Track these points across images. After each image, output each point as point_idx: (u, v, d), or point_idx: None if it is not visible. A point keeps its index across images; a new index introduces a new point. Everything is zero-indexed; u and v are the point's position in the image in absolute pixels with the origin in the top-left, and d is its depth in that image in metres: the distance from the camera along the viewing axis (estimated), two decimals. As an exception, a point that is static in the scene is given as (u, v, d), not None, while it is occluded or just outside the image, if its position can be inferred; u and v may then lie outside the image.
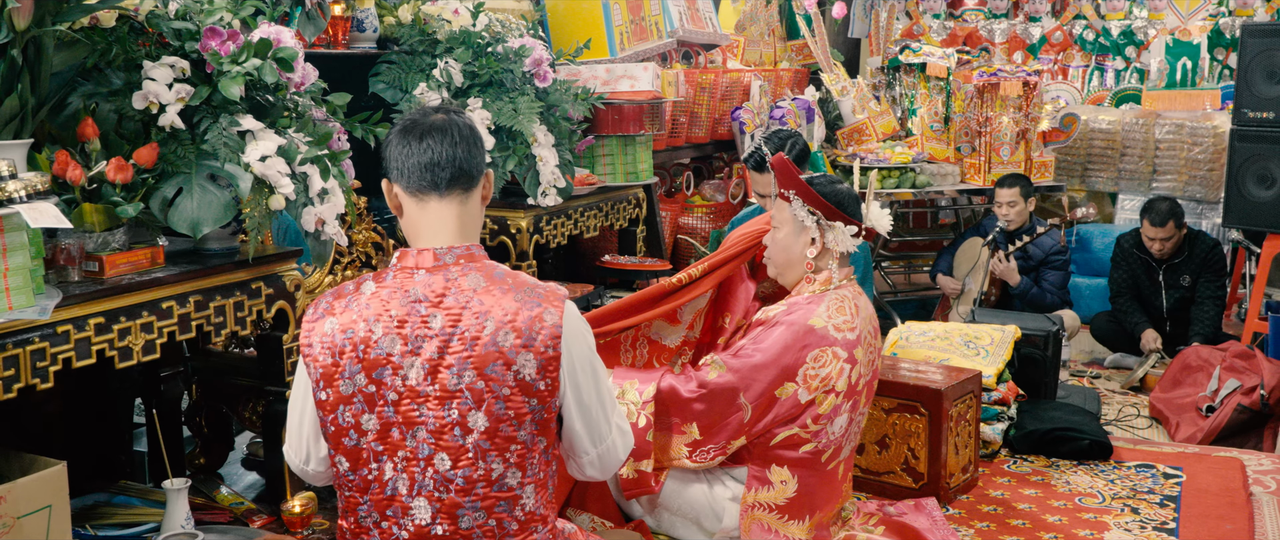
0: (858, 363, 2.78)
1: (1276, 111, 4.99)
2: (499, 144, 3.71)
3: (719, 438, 2.75)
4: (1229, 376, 4.37)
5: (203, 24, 2.51)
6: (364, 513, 1.98)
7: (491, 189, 2.11)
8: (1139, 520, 3.25)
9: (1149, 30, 7.44)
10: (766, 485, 2.81)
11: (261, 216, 2.49)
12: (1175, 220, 5.11)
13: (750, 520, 2.84)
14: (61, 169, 2.27)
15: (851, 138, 6.31)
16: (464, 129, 2.01)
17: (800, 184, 2.86)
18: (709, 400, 2.73)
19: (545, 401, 1.93)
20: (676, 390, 2.76)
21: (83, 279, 2.34)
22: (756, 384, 2.72)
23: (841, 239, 2.84)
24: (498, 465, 1.92)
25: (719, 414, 2.74)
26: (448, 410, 1.90)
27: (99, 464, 3.06)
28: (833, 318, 2.77)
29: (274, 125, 2.57)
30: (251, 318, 2.65)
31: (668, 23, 4.99)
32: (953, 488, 3.40)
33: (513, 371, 1.89)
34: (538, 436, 1.95)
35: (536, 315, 1.91)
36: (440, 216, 2.00)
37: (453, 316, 1.91)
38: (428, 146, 1.97)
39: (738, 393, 2.73)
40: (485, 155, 2.07)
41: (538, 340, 1.90)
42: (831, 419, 2.77)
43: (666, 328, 3.14)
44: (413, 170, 1.98)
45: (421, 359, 1.90)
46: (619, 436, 2.09)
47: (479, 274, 1.96)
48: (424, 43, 3.77)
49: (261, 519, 2.86)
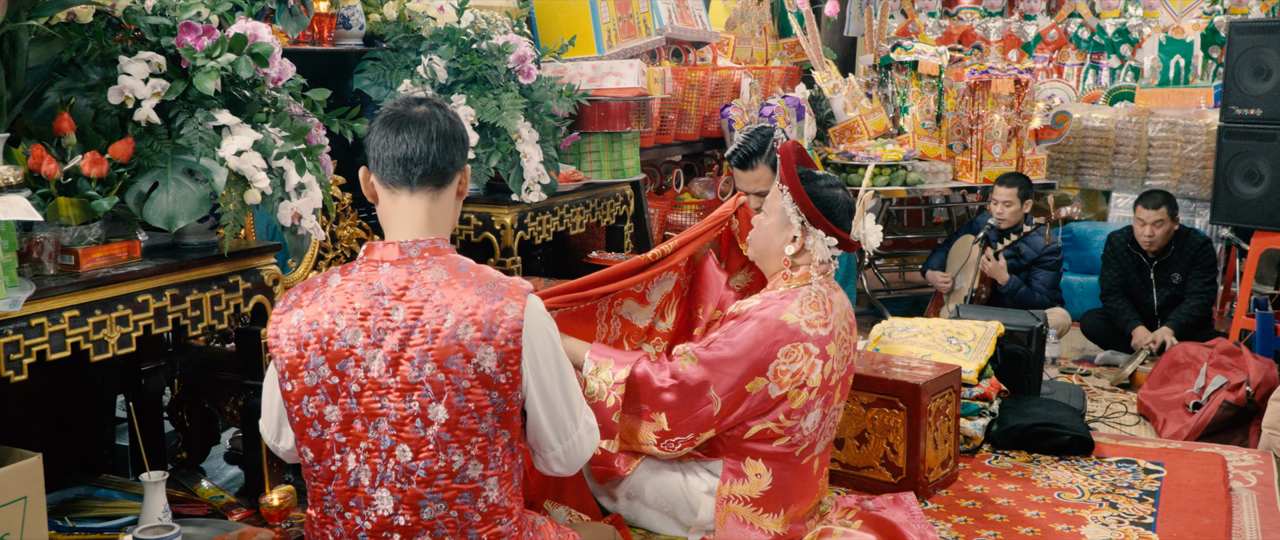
0: (830, 358, 2.79)
1: (1264, 108, 5.00)
2: (483, 140, 3.73)
3: (687, 430, 2.76)
4: (1216, 373, 4.38)
5: (179, 19, 2.53)
6: (329, 503, 2.00)
7: (467, 185, 2.14)
8: (1117, 515, 3.26)
9: (1143, 28, 7.44)
10: (741, 478, 2.82)
11: (237, 211, 2.51)
12: (1168, 207, 5.14)
13: (725, 513, 2.85)
14: (37, 163, 2.29)
15: (843, 135, 6.33)
16: (443, 124, 2.03)
17: (794, 181, 2.84)
18: (679, 392, 2.74)
19: (506, 394, 1.94)
20: (650, 378, 2.77)
21: (58, 272, 2.35)
22: (726, 378, 2.73)
23: (820, 248, 2.84)
24: (458, 457, 1.93)
25: (688, 406, 2.75)
26: (408, 402, 1.92)
27: (81, 457, 3.08)
28: (805, 314, 2.77)
29: (250, 120, 2.59)
30: (229, 312, 2.67)
31: (656, 20, 5.01)
32: (932, 483, 3.41)
33: (473, 364, 1.91)
34: (500, 429, 1.96)
35: (497, 309, 1.93)
36: (409, 211, 2.03)
37: (414, 309, 1.93)
38: (403, 140, 2.00)
39: (708, 385, 2.74)
40: (466, 151, 2.09)
41: (498, 333, 1.92)
42: (804, 414, 2.78)
43: (636, 307, 3.15)
44: (387, 162, 2.01)
45: (383, 351, 1.92)
46: (586, 433, 2.10)
47: (442, 268, 1.97)
48: (409, 39, 3.79)
49: (241, 512, 2.88)
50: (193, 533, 2.64)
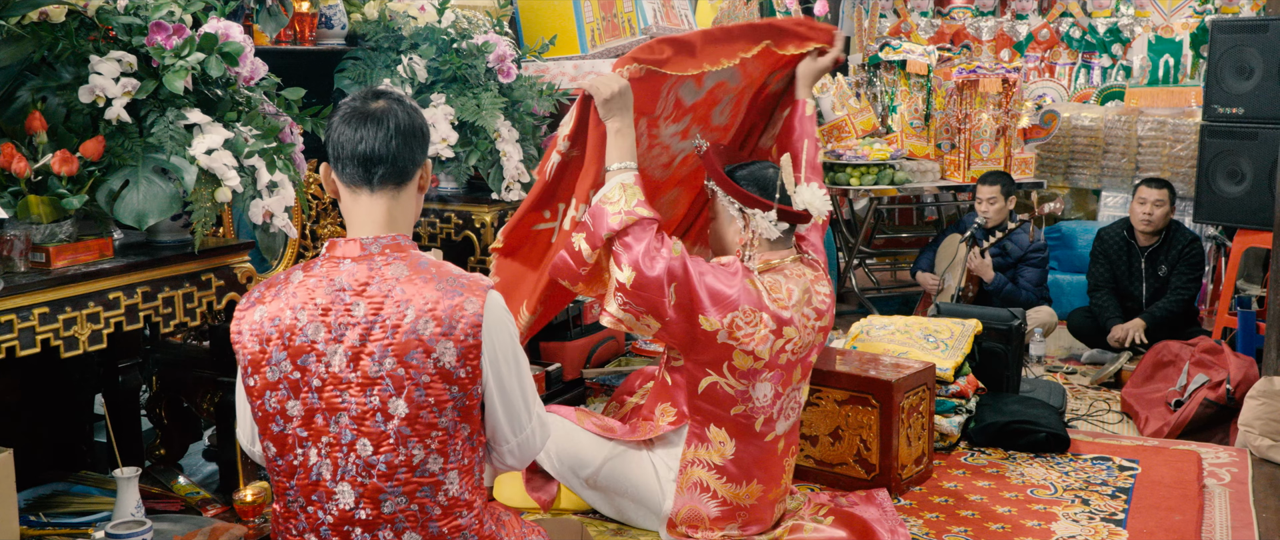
0: (784, 337, 2.83)
1: (1246, 107, 5.02)
2: (462, 139, 3.75)
3: (641, 305, 2.76)
4: (1198, 371, 4.40)
5: (151, 19, 2.55)
6: (291, 497, 2.03)
7: (428, 179, 2.15)
8: (1088, 511, 3.28)
9: (1135, 28, 7.46)
10: (704, 442, 2.87)
11: (208, 209, 2.53)
12: (1169, 191, 5.18)
13: (687, 477, 2.89)
14: (7, 161, 2.31)
15: (831, 135, 6.35)
16: (402, 119, 2.02)
17: (718, 174, 2.93)
18: (653, 267, 2.75)
19: (466, 389, 1.96)
20: (646, 230, 2.77)
21: (29, 270, 2.38)
22: (688, 290, 2.76)
23: (764, 226, 2.87)
24: (418, 451, 1.96)
25: (654, 287, 2.75)
26: (369, 397, 1.94)
27: (59, 454, 3.10)
28: (771, 292, 2.82)
29: (222, 119, 2.61)
30: (201, 309, 2.69)
31: (641, 19, 5.03)
32: (905, 479, 3.43)
33: (433, 359, 1.93)
34: (460, 423, 1.98)
35: (457, 304, 1.95)
36: (369, 209, 2.05)
37: (375, 305, 1.95)
38: (362, 138, 2.00)
39: (670, 284, 2.74)
40: (426, 145, 2.09)
41: (458, 329, 1.94)
42: (752, 380, 2.82)
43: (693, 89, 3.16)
44: (347, 161, 2.03)
45: (344, 346, 1.95)
46: (538, 427, 2.12)
47: (403, 264, 2.00)
48: (389, 39, 3.81)
49: (215, 508, 2.91)
50: (165, 528, 2.67)
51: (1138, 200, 5.24)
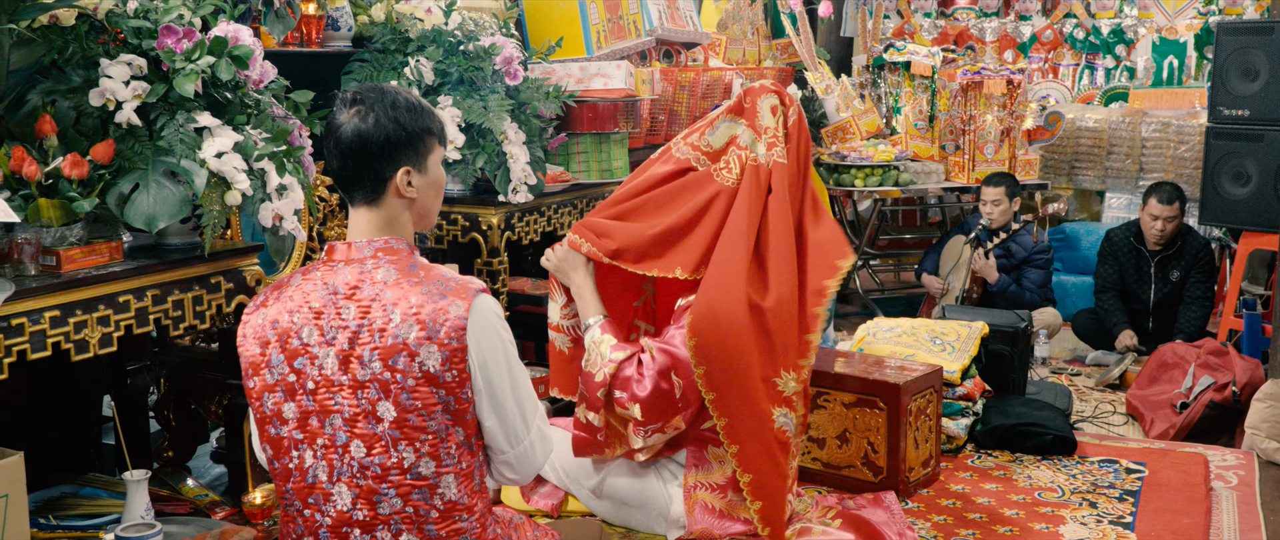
0: None
1: (1251, 109, 5.02)
2: (469, 141, 3.75)
3: (657, 419, 2.80)
4: (1203, 373, 4.39)
5: (160, 22, 2.55)
6: (289, 500, 2.04)
7: (416, 178, 2.05)
8: (1096, 514, 3.28)
9: (1138, 29, 7.46)
10: (704, 466, 2.87)
11: (218, 212, 2.54)
12: (1180, 202, 5.17)
13: (693, 502, 2.88)
14: (18, 165, 2.32)
15: (836, 136, 6.35)
16: (365, 130, 1.98)
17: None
18: (647, 380, 2.79)
19: (454, 393, 1.95)
20: (623, 368, 2.82)
21: (40, 273, 2.38)
22: (685, 371, 2.79)
23: None
24: (409, 455, 1.95)
25: (662, 399, 2.79)
26: (360, 399, 1.95)
27: (68, 456, 3.11)
28: None
29: (231, 122, 2.61)
30: (211, 312, 2.69)
31: (647, 21, 5.02)
32: (913, 482, 3.43)
33: (417, 363, 1.92)
34: (453, 427, 1.97)
35: (441, 307, 1.94)
36: (355, 217, 2.08)
37: (363, 308, 1.96)
38: (331, 155, 2.04)
39: (670, 372, 2.78)
40: (404, 147, 2.02)
41: (441, 332, 1.92)
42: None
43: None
44: (331, 173, 2.06)
45: (335, 349, 1.96)
46: (538, 440, 2.09)
47: (392, 267, 2.00)
48: (396, 41, 3.81)
49: (224, 511, 2.91)
50: (175, 531, 2.67)
51: (1149, 214, 5.22)
